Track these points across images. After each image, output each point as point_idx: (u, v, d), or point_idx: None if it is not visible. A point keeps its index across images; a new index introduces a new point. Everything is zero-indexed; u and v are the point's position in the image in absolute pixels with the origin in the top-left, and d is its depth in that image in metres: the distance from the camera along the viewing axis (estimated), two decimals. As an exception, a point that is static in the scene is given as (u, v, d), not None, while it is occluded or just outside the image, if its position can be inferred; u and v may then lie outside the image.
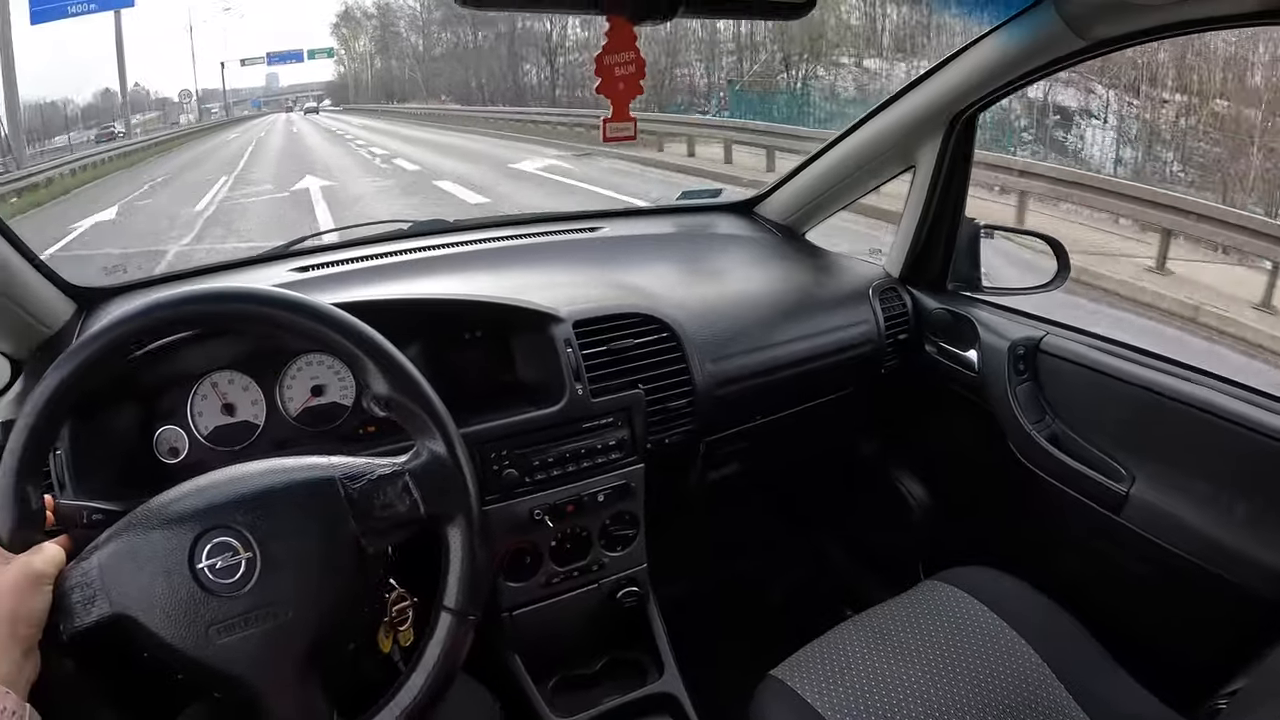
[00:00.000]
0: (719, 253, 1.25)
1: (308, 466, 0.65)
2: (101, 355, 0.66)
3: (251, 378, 0.95)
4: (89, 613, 0.59)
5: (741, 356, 1.08)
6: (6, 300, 0.96)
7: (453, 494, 0.66)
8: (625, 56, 0.88)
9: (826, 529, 1.46)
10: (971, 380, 1.17)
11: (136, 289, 1.15)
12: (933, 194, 1.20)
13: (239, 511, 0.61)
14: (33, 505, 0.63)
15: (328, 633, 0.62)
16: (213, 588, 0.59)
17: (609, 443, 1.00)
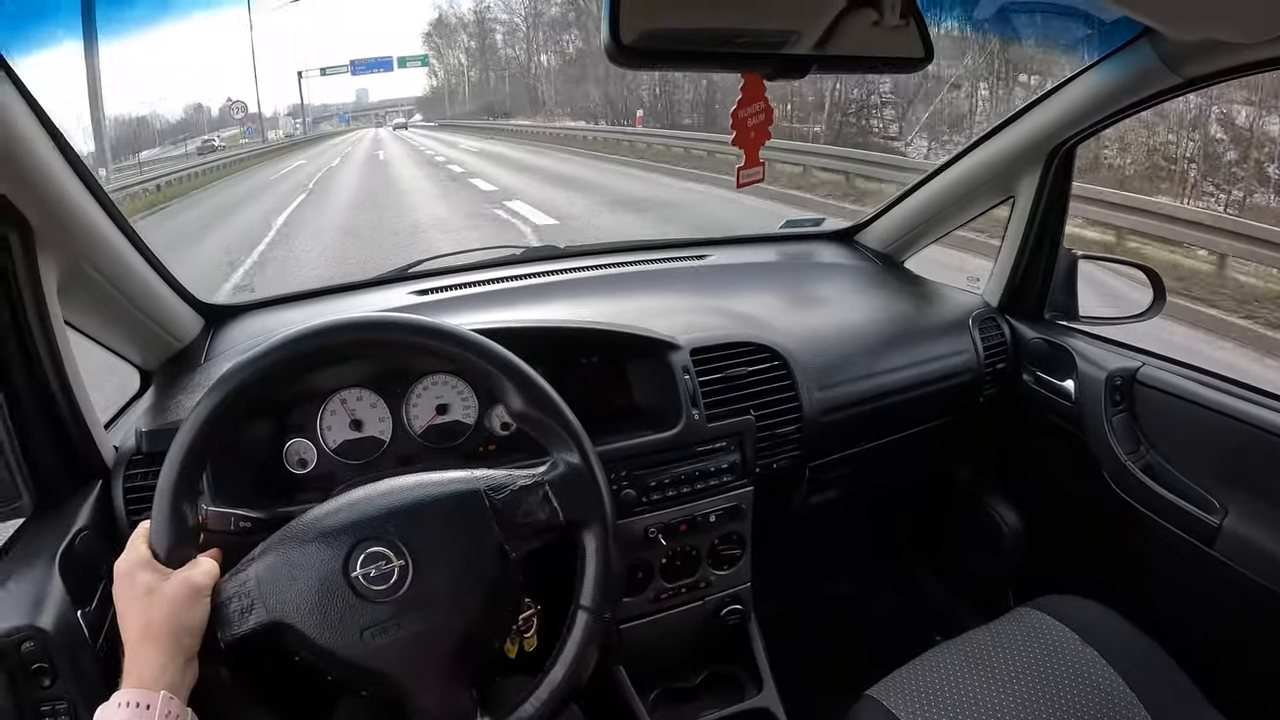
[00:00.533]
0: (822, 281, 1.28)
1: (454, 480, 0.70)
2: (257, 380, 0.71)
3: (379, 395, 1.00)
4: (246, 621, 0.64)
5: (847, 384, 1.10)
6: (140, 314, 1.02)
7: (589, 502, 0.71)
8: (756, 108, 0.92)
9: (920, 554, 1.48)
10: (1068, 410, 1.19)
11: (264, 307, 1.21)
12: (1031, 224, 1.21)
13: (391, 523, 0.66)
14: (189, 522, 0.68)
15: (474, 633, 0.67)
16: (366, 594, 0.64)
17: (721, 466, 1.03)
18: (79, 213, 0.85)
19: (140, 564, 0.64)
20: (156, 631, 0.61)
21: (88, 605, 0.79)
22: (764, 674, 1.11)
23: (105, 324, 0.99)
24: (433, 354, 0.75)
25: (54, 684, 0.74)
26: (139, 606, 0.62)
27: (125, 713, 0.56)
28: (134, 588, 0.63)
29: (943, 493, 1.38)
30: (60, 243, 0.82)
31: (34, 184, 0.76)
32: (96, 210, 0.88)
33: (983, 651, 0.96)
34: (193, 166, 14.05)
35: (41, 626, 0.73)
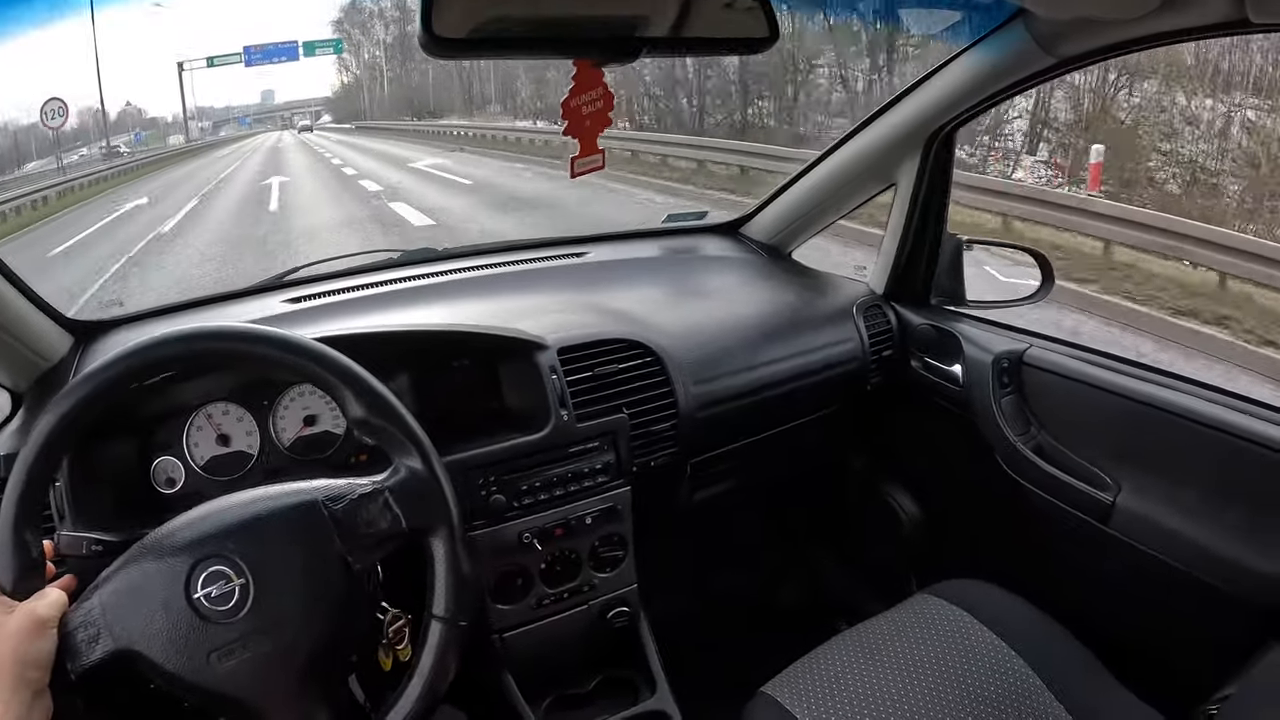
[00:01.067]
0: (705, 275, 1.27)
1: (291, 492, 0.67)
2: (95, 397, 0.68)
3: (246, 409, 0.98)
4: (94, 650, 0.61)
5: (726, 378, 1.09)
6: (6, 335, 0.98)
7: (432, 507, 0.69)
8: (593, 94, 0.91)
9: (818, 544, 1.47)
10: (956, 394, 1.19)
11: (133, 322, 1.18)
12: (913, 211, 1.22)
13: (229, 540, 0.64)
14: (33, 553, 0.65)
15: (323, 649, 0.64)
16: (210, 615, 0.62)
17: (595, 466, 1.02)
18: None
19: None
20: (1, 668, 0.58)
21: None
22: (657, 676, 1.09)
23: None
24: (269, 363, 0.73)
25: None
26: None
27: None
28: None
29: (839, 482, 1.38)
30: None
31: None
32: None
33: (881, 640, 0.95)
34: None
35: None
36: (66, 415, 0.67)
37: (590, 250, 1.37)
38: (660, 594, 1.11)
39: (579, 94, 0.91)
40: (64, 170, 16.97)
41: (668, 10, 0.82)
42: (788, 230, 1.34)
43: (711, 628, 1.27)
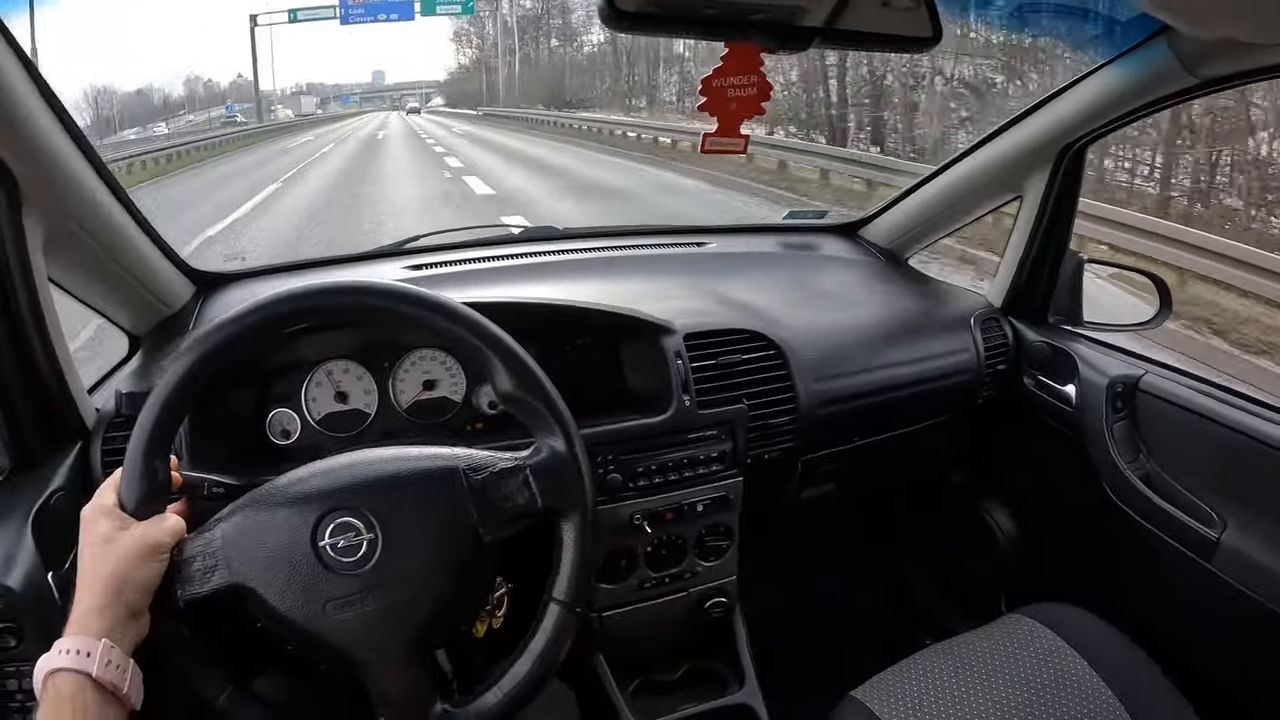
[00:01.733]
0: (823, 274, 1.27)
1: (433, 455, 0.68)
2: (241, 337, 0.69)
3: (366, 368, 0.99)
4: (207, 581, 0.62)
5: (844, 378, 1.09)
6: (129, 277, 1.01)
7: (570, 491, 0.68)
8: (745, 79, 0.90)
9: (911, 555, 1.47)
10: (1068, 415, 1.17)
11: (254, 277, 1.20)
12: (1039, 225, 1.20)
13: (365, 494, 0.64)
14: (159, 477, 0.66)
15: (439, 614, 0.65)
16: (333, 565, 0.63)
17: (711, 454, 1.02)
18: (68, 171, 0.84)
19: (103, 511, 0.64)
20: (104, 581, 0.60)
21: (59, 567, 0.79)
22: (746, 669, 1.09)
23: (93, 286, 0.98)
24: (421, 325, 0.73)
25: (19, 644, 0.73)
26: (93, 554, 0.61)
27: (66, 659, 0.56)
28: (93, 534, 0.62)
29: (937, 494, 1.37)
30: (48, 201, 0.82)
31: (21, 139, 0.75)
32: (87, 170, 0.87)
33: (970, 656, 0.95)
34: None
35: (9, 585, 0.73)
36: (210, 351, 0.68)
37: (710, 241, 1.37)
38: (755, 589, 1.12)
39: (725, 75, 0.89)
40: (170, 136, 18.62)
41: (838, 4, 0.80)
42: (907, 236, 1.33)
43: (798, 628, 1.27)
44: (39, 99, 0.76)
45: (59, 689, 0.55)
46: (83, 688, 0.55)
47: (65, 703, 0.54)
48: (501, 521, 0.66)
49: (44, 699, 0.55)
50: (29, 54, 0.75)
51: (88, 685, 0.56)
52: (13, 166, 0.75)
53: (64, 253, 0.88)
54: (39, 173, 0.79)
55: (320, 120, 27.93)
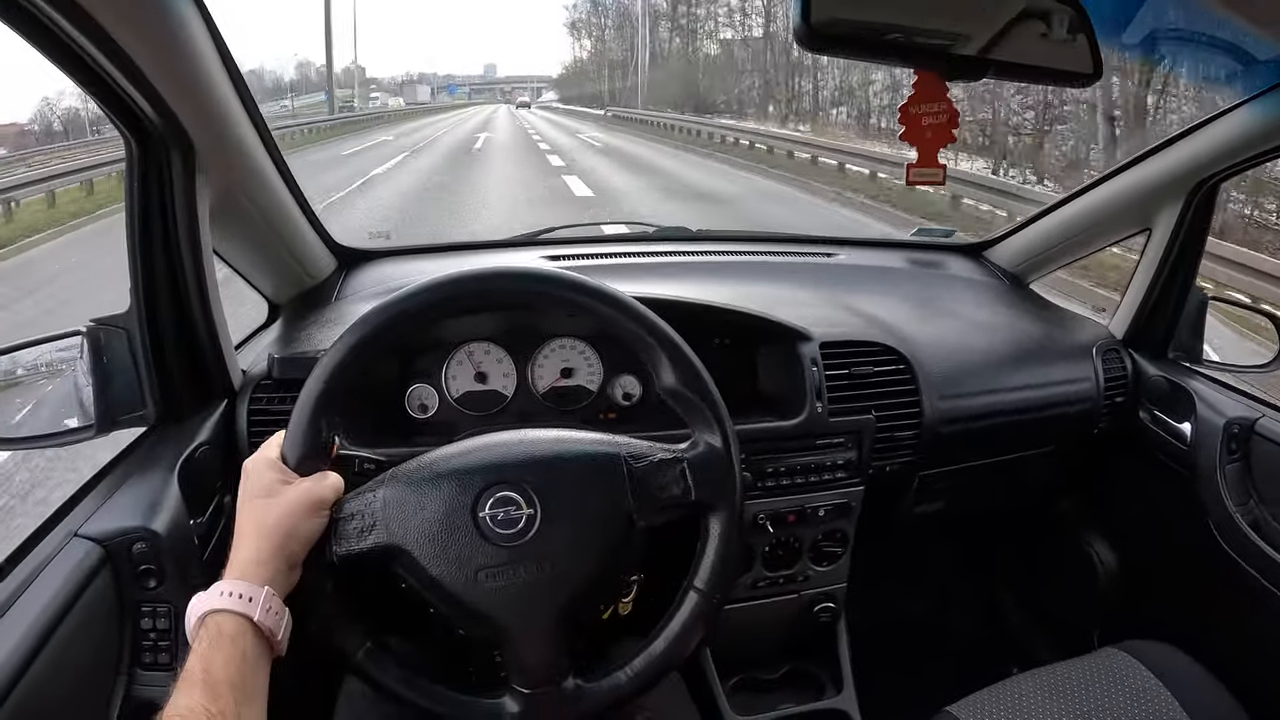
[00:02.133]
0: (950, 292, 1.28)
1: (596, 440, 0.70)
2: (423, 310, 0.71)
3: (507, 351, 1.03)
4: (363, 540, 0.65)
5: (969, 398, 1.10)
6: (281, 246, 1.04)
7: (722, 486, 0.70)
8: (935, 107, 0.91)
9: (1009, 581, 1.47)
10: (1180, 453, 1.17)
11: (395, 256, 1.23)
12: (1166, 260, 1.19)
13: (528, 471, 0.66)
14: (322, 437, 0.69)
15: (586, 594, 0.67)
16: (490, 535, 0.64)
17: (837, 461, 1.04)
18: (241, 140, 0.87)
19: (268, 464, 0.66)
20: (269, 531, 0.62)
21: (200, 516, 0.82)
22: (846, 676, 1.11)
23: (247, 252, 1.02)
24: (591, 313, 0.74)
25: (159, 586, 0.76)
26: (257, 505, 0.63)
27: (227, 600, 0.58)
28: (258, 485, 0.65)
29: (1042, 521, 1.37)
30: (219, 167, 0.84)
31: (203, 105, 0.78)
32: (256, 141, 0.90)
33: (1063, 685, 0.95)
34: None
35: (155, 529, 0.76)
36: (394, 319, 0.70)
37: (839, 252, 1.39)
38: (858, 600, 1.13)
39: (919, 102, 0.90)
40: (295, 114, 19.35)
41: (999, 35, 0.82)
42: (1032, 260, 1.33)
43: (891, 641, 1.29)
44: (221, 66, 0.79)
45: (221, 628, 0.57)
46: (244, 630, 0.57)
47: (228, 641, 0.56)
48: (655, 510, 0.68)
49: (202, 635, 0.57)
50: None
51: (249, 628, 0.58)
52: (192, 132, 0.78)
53: (225, 219, 0.91)
54: (215, 139, 0.82)
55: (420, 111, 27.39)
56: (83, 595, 0.71)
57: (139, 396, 0.86)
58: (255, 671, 0.57)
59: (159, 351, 0.85)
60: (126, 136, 0.78)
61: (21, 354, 0.87)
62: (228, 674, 0.55)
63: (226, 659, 0.55)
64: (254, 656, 0.57)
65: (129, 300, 0.84)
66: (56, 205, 8.38)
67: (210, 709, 0.52)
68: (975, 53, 0.81)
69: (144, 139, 0.77)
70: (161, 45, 0.70)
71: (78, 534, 0.75)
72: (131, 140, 0.78)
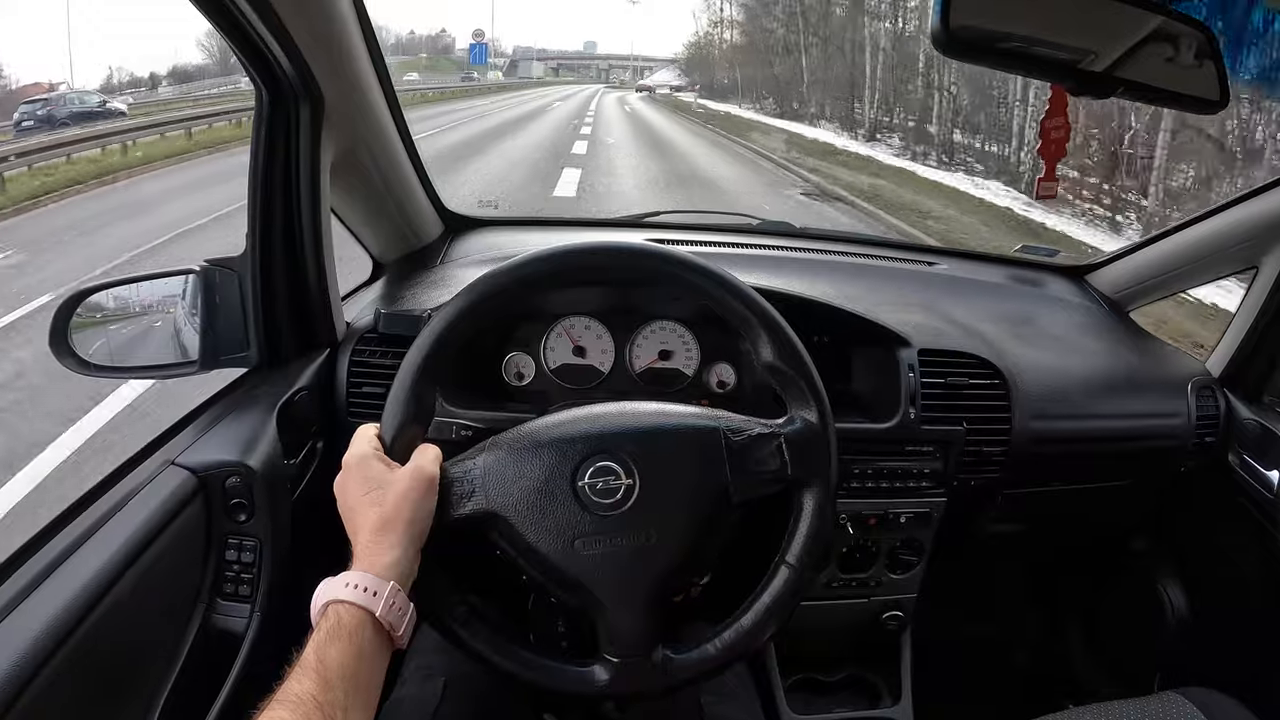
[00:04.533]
0: (1050, 313, 1.29)
1: (695, 414, 0.72)
2: (535, 279, 0.73)
3: (607, 328, 1.05)
4: (463, 506, 0.67)
5: (1060, 420, 1.11)
6: (395, 209, 1.08)
7: (817, 461, 0.71)
8: (1058, 121, 0.92)
9: (1073, 613, 1.48)
10: (1266, 501, 1.17)
11: (501, 225, 1.26)
12: (1272, 301, 1.18)
13: (629, 442, 0.68)
14: (426, 403, 0.70)
15: (679, 566, 0.69)
16: (589, 504, 0.67)
17: (923, 470, 1.06)
18: (369, 99, 0.90)
19: (370, 456, 0.67)
20: (393, 523, 0.63)
21: (294, 458, 0.85)
22: (905, 687, 1.13)
23: (359, 209, 1.05)
24: (702, 293, 0.76)
25: (248, 520, 0.79)
26: (372, 498, 0.64)
27: (350, 593, 0.59)
28: (366, 480, 0.65)
29: (1115, 556, 1.37)
30: (345, 123, 0.87)
31: (337, 62, 0.81)
32: (382, 100, 0.93)
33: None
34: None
35: (250, 465, 0.79)
36: (501, 288, 0.72)
37: (940, 262, 1.41)
38: (924, 613, 1.14)
39: (1052, 117, 0.92)
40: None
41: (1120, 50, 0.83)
42: (1134, 289, 1.33)
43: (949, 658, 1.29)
44: (358, 24, 0.82)
45: (341, 619, 0.58)
46: (364, 624, 0.58)
47: (346, 634, 0.57)
48: (752, 483, 0.70)
49: (322, 624, 0.58)
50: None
51: (369, 622, 0.58)
52: (323, 85, 0.80)
53: (345, 172, 0.94)
54: (344, 96, 0.84)
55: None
56: (174, 522, 0.73)
57: (244, 338, 0.90)
58: (371, 666, 0.58)
59: (269, 296, 0.88)
60: (259, 85, 0.81)
61: (140, 285, 0.91)
62: (341, 666, 0.55)
63: (341, 651, 0.56)
64: (371, 651, 0.58)
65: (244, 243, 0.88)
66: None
67: (319, 699, 0.53)
68: (1103, 69, 0.83)
69: (276, 89, 0.80)
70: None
71: (174, 463, 0.78)
72: (264, 89, 0.81)
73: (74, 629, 0.62)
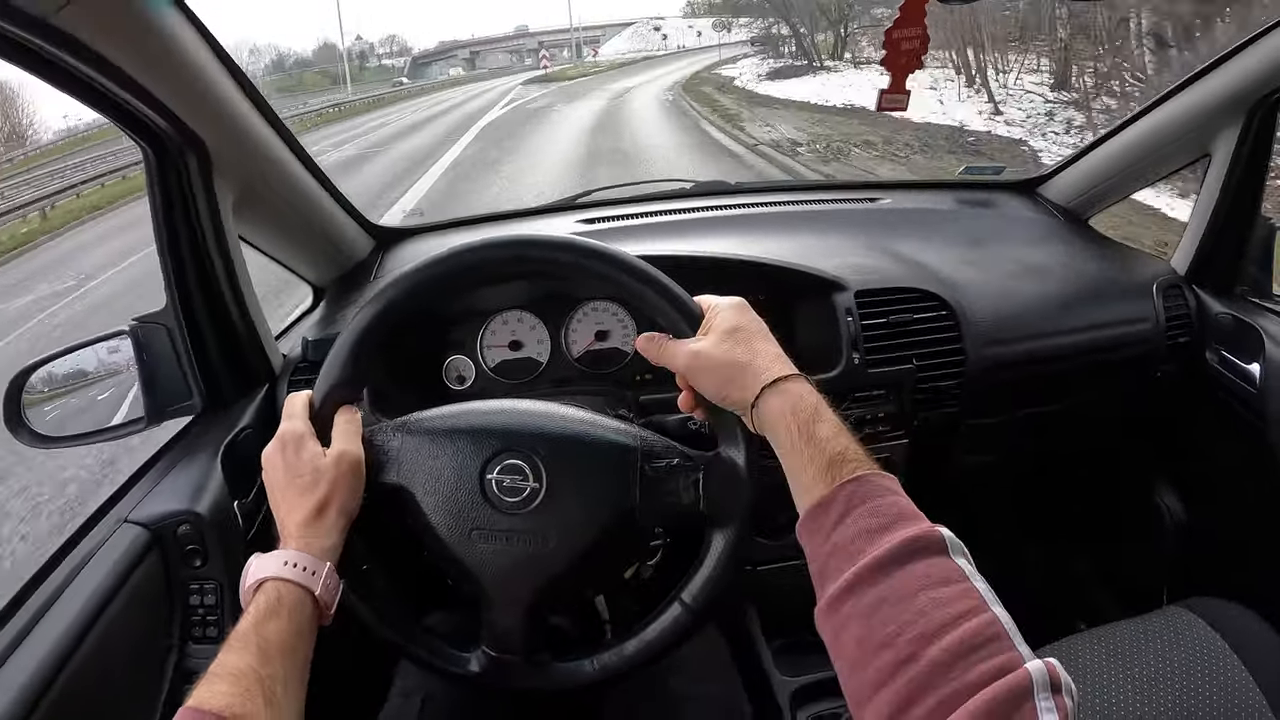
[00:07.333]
0: (1000, 233, 1.29)
1: (616, 429, 0.71)
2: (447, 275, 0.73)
3: (539, 318, 1.06)
4: (380, 474, 0.70)
5: (1016, 343, 1.11)
6: (316, 234, 1.10)
7: (735, 503, 0.69)
8: (912, 32, 0.91)
9: (1073, 537, 1.48)
10: (1250, 396, 1.14)
11: (431, 231, 1.27)
12: (1228, 188, 1.16)
13: (543, 445, 0.69)
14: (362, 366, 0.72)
15: (572, 577, 0.69)
16: (493, 500, 0.68)
17: (877, 415, 1.05)
18: (253, 134, 0.91)
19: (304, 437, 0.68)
20: (328, 509, 0.66)
21: (245, 496, 0.88)
22: None
23: (280, 241, 1.07)
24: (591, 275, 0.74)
25: (204, 565, 0.82)
26: (307, 482, 0.66)
27: (289, 571, 0.62)
28: (300, 463, 0.67)
29: (1105, 473, 1.35)
30: (235, 163, 0.89)
31: (208, 107, 0.82)
32: (269, 132, 0.95)
33: (1122, 645, 0.95)
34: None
35: (198, 511, 0.81)
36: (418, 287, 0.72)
37: (884, 197, 1.40)
38: None
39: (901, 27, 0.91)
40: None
41: None
42: (1088, 195, 1.32)
43: None
44: (220, 67, 0.83)
45: (281, 596, 0.60)
46: (303, 601, 0.61)
47: (286, 611, 0.60)
48: (659, 514, 0.69)
49: (259, 599, 0.60)
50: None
51: (308, 600, 0.62)
52: (203, 135, 0.82)
53: (253, 211, 0.96)
54: (226, 139, 0.86)
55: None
56: (132, 576, 0.76)
57: (185, 387, 0.93)
58: (307, 643, 0.61)
59: (198, 344, 0.91)
60: (141, 145, 0.82)
61: (80, 354, 0.94)
62: (280, 642, 0.58)
63: (280, 628, 0.59)
64: (308, 629, 0.62)
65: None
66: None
67: (261, 672, 0.55)
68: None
69: (157, 145, 0.82)
70: (154, 56, 0.73)
71: (127, 519, 0.81)
72: (146, 148, 0.83)
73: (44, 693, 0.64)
